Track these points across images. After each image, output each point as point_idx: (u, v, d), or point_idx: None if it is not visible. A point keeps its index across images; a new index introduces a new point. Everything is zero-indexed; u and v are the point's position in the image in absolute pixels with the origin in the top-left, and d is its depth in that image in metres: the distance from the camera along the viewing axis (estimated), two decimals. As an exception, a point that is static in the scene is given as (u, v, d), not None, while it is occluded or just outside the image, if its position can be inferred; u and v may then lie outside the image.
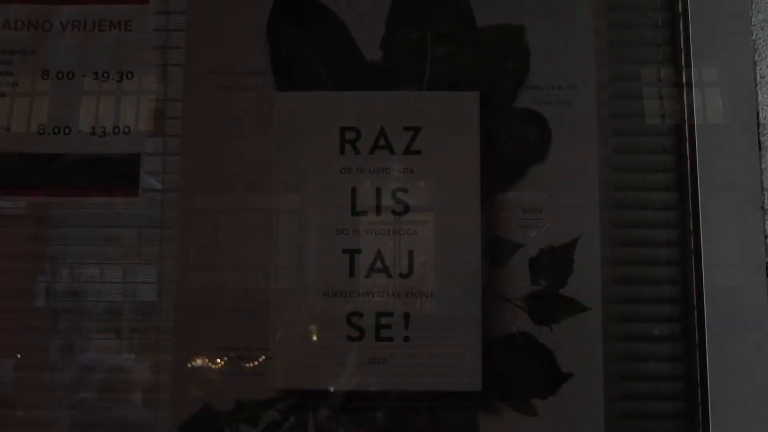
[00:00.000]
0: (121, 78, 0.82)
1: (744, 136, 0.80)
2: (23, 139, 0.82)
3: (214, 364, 0.80)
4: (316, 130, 0.83)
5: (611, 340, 0.81)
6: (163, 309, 0.84)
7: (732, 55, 0.81)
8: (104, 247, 0.85)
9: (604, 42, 0.86)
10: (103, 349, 0.84)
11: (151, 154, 0.83)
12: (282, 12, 0.84)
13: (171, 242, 0.83)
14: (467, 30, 0.84)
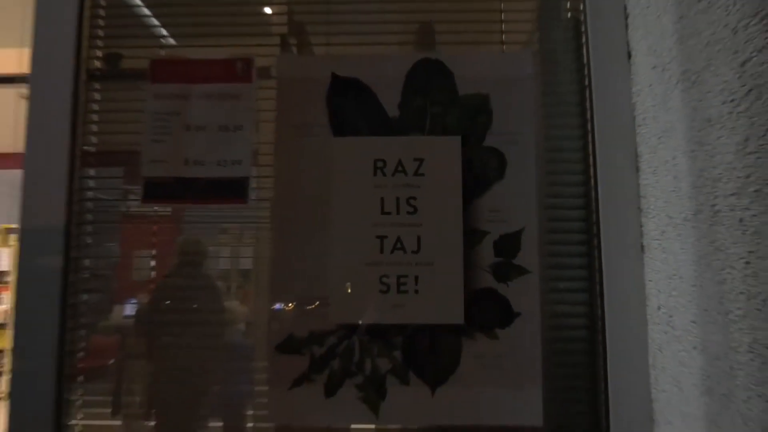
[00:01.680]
0: (234, 130, 1.01)
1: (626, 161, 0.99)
2: (175, 168, 1.00)
3: (296, 307, 0.99)
4: (358, 161, 0.99)
5: (545, 292, 0.99)
6: (258, 272, 1.05)
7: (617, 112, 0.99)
8: (220, 234, 1.07)
9: (539, 104, 1.04)
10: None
11: (254, 177, 1.01)
12: (335, 87, 1.02)
13: (264, 231, 1.03)
14: (453, 97, 1.02)
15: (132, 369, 1.03)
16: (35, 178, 1.00)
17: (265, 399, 0.98)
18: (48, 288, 0.98)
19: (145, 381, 1.02)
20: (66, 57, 1.02)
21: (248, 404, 1.01)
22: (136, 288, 1.05)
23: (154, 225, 1.05)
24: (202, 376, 1.02)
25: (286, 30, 1.11)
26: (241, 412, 1.02)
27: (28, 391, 0.96)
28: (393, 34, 1.08)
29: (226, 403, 1.02)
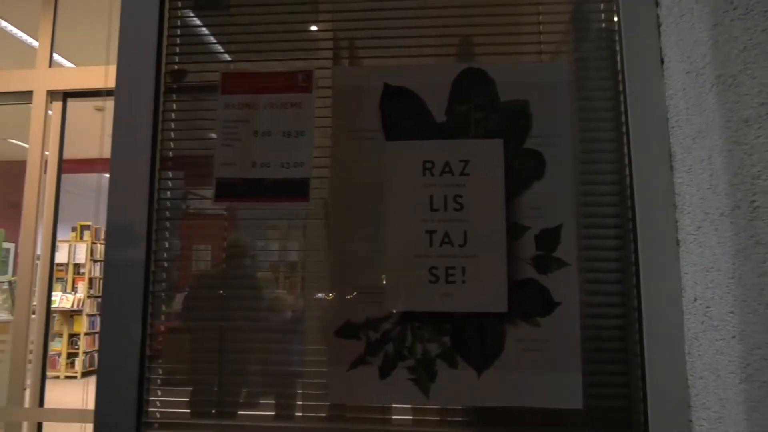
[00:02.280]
0: (297, 135, 1.05)
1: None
2: (243, 170, 1.04)
3: (353, 296, 1.01)
4: (408, 162, 1.02)
5: (583, 283, 1.00)
6: (307, 264, 1.08)
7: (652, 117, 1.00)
8: (287, 230, 1.11)
9: (575, 109, 1.05)
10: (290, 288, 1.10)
11: (314, 178, 1.04)
12: (387, 95, 1.05)
13: (312, 227, 1.06)
14: (495, 103, 1.04)
15: (201, 353, 1.07)
16: (120, 180, 1.05)
17: (318, 379, 1.01)
18: (131, 278, 1.03)
19: (214, 364, 1.05)
20: (148, 72, 1.07)
21: (307, 384, 1.03)
22: (205, 279, 1.10)
23: (225, 221, 1.08)
24: (264, 358, 1.05)
25: (332, 44, 1.13)
26: (296, 392, 1.04)
27: (115, 369, 1.01)
28: (439, 47, 1.09)
29: (282, 383, 1.05)
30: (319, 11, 1.14)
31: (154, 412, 1.04)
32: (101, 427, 0.99)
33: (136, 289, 1.03)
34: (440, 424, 1.01)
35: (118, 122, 1.07)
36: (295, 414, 1.03)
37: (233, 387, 1.05)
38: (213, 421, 1.03)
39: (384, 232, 1.02)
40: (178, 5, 1.14)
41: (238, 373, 1.05)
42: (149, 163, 1.05)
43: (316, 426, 1.02)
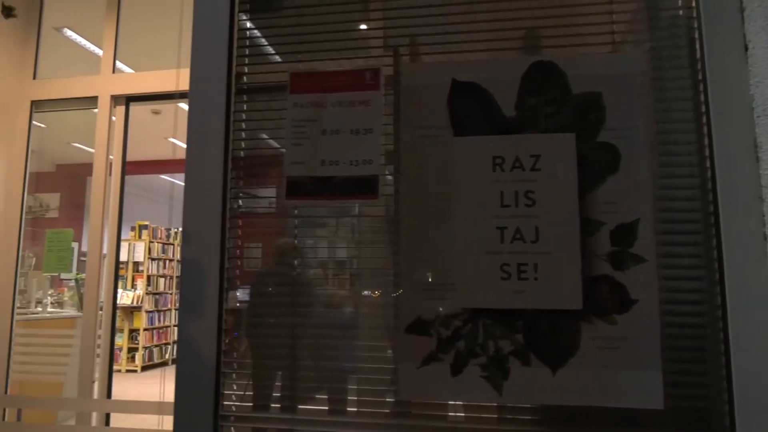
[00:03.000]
0: (365, 132, 1.05)
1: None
2: (312, 168, 1.05)
3: (424, 293, 1.01)
4: (478, 158, 1.01)
5: (661, 279, 0.96)
6: (377, 259, 1.09)
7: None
8: (356, 227, 1.12)
9: (651, 100, 1.01)
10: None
11: (381, 175, 1.05)
12: (455, 90, 1.04)
13: (392, 224, 1.08)
14: (566, 96, 1.01)
15: (272, 349, 1.09)
16: (195, 179, 1.09)
17: (388, 376, 1.02)
18: (207, 273, 1.06)
19: (286, 360, 1.08)
20: (220, 75, 1.10)
21: (377, 381, 1.04)
22: (276, 276, 1.12)
23: (296, 219, 1.10)
24: (334, 354, 1.07)
25: (398, 42, 1.13)
26: (366, 388, 1.05)
27: (193, 362, 1.04)
28: (507, 40, 1.08)
29: (352, 379, 1.06)
30: (384, 8, 1.14)
31: (230, 406, 1.07)
32: (181, 420, 1.03)
33: (211, 285, 1.06)
34: (511, 423, 1.00)
35: (192, 123, 1.10)
36: (365, 410, 1.04)
37: (303, 382, 1.07)
38: (285, 415, 1.05)
39: (454, 229, 1.01)
40: (247, 8, 1.16)
41: (309, 369, 1.07)
42: (222, 163, 1.08)
43: (386, 422, 1.02)
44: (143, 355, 7.26)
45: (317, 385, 1.06)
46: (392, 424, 1.02)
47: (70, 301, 5.90)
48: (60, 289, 6.17)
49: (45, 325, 4.40)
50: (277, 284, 1.11)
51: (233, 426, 1.06)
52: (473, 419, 1.01)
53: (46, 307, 4.60)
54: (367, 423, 1.03)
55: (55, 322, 4.53)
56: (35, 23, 3.49)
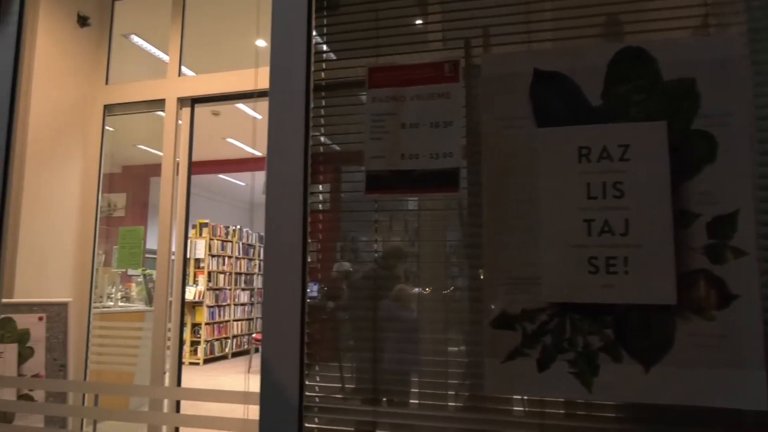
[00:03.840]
0: (445, 125, 1.04)
1: None
2: (392, 162, 1.06)
3: (508, 287, 0.99)
4: (562, 149, 0.98)
5: (764, 274, 0.91)
6: (461, 253, 1.08)
7: None
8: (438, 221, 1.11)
9: (750, 85, 0.96)
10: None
11: (463, 168, 1.04)
12: (538, 80, 1.02)
13: (472, 215, 1.07)
14: (656, 83, 0.97)
15: (356, 341, 1.10)
16: (276, 174, 1.11)
17: (473, 369, 1.00)
18: (289, 267, 1.08)
19: (369, 352, 1.08)
20: (299, 72, 1.11)
21: (461, 375, 1.03)
22: (358, 270, 1.13)
23: (375, 213, 1.10)
24: (418, 347, 1.06)
25: (476, 32, 1.11)
26: (450, 382, 1.04)
27: (278, 355, 1.06)
28: (591, 27, 1.04)
29: (435, 373, 1.05)
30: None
31: (313, 397, 1.08)
32: (267, 409, 1.05)
33: (293, 279, 1.08)
34: (598, 420, 0.97)
35: (273, 121, 1.12)
36: (448, 404, 1.03)
37: (386, 375, 1.07)
38: (368, 407, 1.06)
39: (538, 222, 0.99)
40: (324, 5, 1.17)
41: (392, 362, 1.07)
42: (302, 158, 1.10)
43: (469, 416, 1.01)
44: (205, 348, 7.52)
45: (400, 378, 1.06)
46: (476, 418, 1.01)
47: (137, 296, 6.16)
48: (128, 285, 6.45)
49: (116, 319, 4.62)
50: (361, 278, 1.11)
51: (317, 416, 1.07)
52: (559, 416, 0.98)
53: (117, 301, 4.83)
54: (449, 417, 1.02)
55: (125, 316, 4.75)
56: (107, 31, 3.66)
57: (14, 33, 1.44)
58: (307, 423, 1.07)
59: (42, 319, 2.98)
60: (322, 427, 1.08)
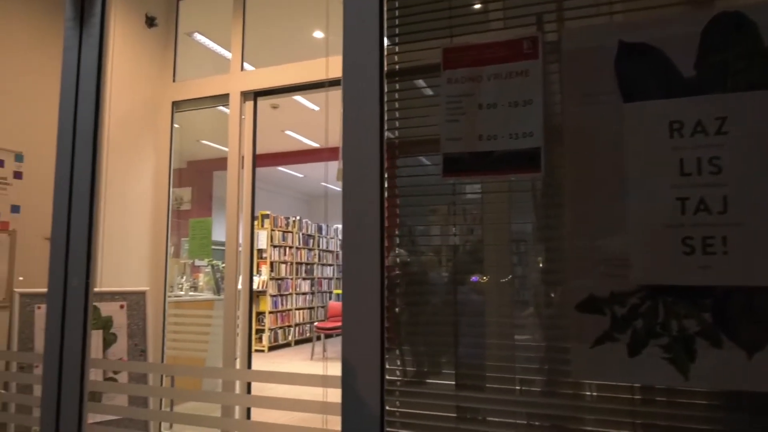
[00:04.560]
0: (524, 104, 1.02)
1: None
2: (470, 144, 1.04)
3: (595, 269, 0.96)
4: (652, 124, 0.93)
5: None
6: (542, 234, 1.05)
7: None
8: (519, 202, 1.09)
9: None
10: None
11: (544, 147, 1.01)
12: (623, 53, 0.97)
13: (555, 195, 1.04)
14: (757, 49, 0.90)
15: (436, 326, 1.09)
16: (353, 161, 1.11)
17: (558, 355, 0.97)
18: (368, 253, 1.08)
19: (450, 336, 1.07)
20: (372, 60, 1.11)
21: (546, 360, 1.00)
22: (436, 256, 1.12)
23: (453, 196, 1.09)
24: (500, 332, 1.05)
25: (555, 6, 1.07)
26: (535, 367, 1.02)
27: (358, 339, 1.07)
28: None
29: (520, 358, 1.03)
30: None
31: (395, 381, 1.09)
32: (349, 393, 1.07)
33: (371, 265, 1.08)
34: (693, 408, 0.92)
35: (347, 109, 1.12)
36: (532, 389, 1.01)
37: (469, 359, 1.06)
38: (450, 392, 1.06)
39: (628, 201, 0.95)
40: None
41: (474, 346, 1.06)
42: (378, 144, 1.09)
43: (554, 402, 0.99)
44: (269, 336, 7.75)
45: (482, 363, 1.05)
46: (561, 404, 0.98)
47: (205, 286, 6.39)
48: (195, 275, 6.72)
49: (188, 307, 4.82)
50: (438, 264, 1.11)
51: (398, 400, 1.08)
52: (650, 402, 0.94)
53: (188, 291, 5.03)
54: (534, 402, 1.00)
55: (195, 304, 4.95)
56: (173, 30, 3.79)
57: (97, 34, 1.51)
58: (388, 406, 1.08)
59: (123, 307, 3.15)
60: (404, 410, 1.08)
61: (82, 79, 1.50)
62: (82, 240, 1.46)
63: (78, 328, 1.44)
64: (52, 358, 1.46)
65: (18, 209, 3.04)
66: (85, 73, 1.50)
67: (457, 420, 1.04)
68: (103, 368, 2.59)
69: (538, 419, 0.99)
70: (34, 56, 3.08)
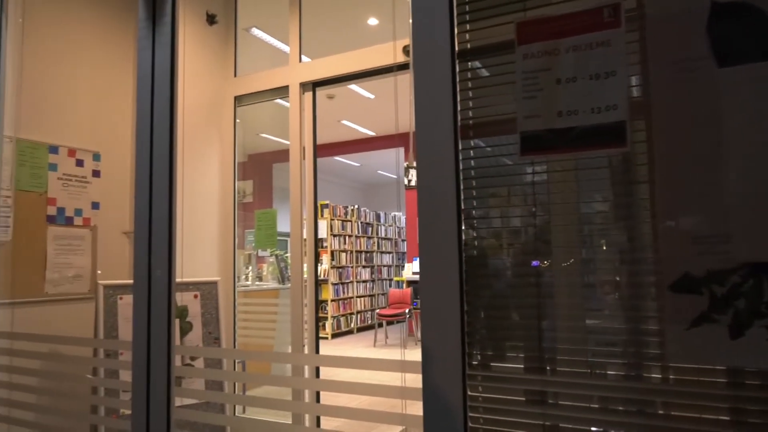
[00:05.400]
0: (607, 76, 0.97)
1: None
2: (548, 121, 1.00)
3: (691, 246, 0.91)
4: (753, 90, 0.87)
5: None
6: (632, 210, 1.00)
7: None
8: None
9: None
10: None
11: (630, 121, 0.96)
12: (717, 15, 0.91)
13: (640, 171, 0.98)
14: None
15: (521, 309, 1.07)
16: (426, 144, 1.09)
17: (651, 338, 0.93)
18: (445, 235, 1.07)
19: (534, 320, 1.05)
20: (443, 40, 1.08)
21: (639, 343, 0.96)
22: (517, 237, 1.09)
23: (533, 175, 1.06)
24: (589, 314, 1.01)
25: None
26: (627, 350, 0.98)
27: (438, 324, 1.06)
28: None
29: (609, 341, 0.99)
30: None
31: (477, 365, 1.07)
32: (430, 378, 1.06)
33: (449, 247, 1.07)
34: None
35: (418, 93, 1.10)
36: (623, 373, 0.97)
37: (554, 343, 1.03)
38: (534, 376, 1.03)
39: (726, 174, 0.88)
40: (463, -35, 1.13)
41: (560, 329, 1.02)
42: (451, 124, 1.07)
43: (647, 387, 0.95)
44: (332, 323, 7.90)
45: (569, 347, 1.02)
46: (654, 389, 0.94)
47: (269, 275, 6.57)
48: (260, 265, 6.92)
49: (255, 296, 4.98)
50: (522, 245, 1.08)
51: (480, 385, 1.06)
52: (754, 387, 0.88)
53: (254, 280, 5.19)
54: (625, 387, 0.96)
55: (262, 293, 5.10)
56: (232, 26, 3.88)
57: (169, 33, 1.56)
58: (470, 392, 1.06)
59: (197, 296, 3.28)
60: (487, 395, 1.06)
61: (157, 78, 1.55)
62: (163, 233, 1.52)
63: (163, 315, 1.51)
64: (141, 345, 1.53)
65: (98, 206, 3.22)
66: (159, 71, 1.55)
67: (543, 405, 1.01)
68: (189, 354, 2.71)
69: (628, 404, 0.95)
70: (104, 59, 3.23)
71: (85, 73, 3.11)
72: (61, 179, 3.02)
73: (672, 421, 0.91)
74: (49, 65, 2.93)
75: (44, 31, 2.93)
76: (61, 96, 2.99)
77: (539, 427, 1.01)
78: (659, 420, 0.93)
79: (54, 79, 2.96)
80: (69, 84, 3.03)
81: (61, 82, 2.99)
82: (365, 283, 8.84)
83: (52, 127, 2.94)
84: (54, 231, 2.97)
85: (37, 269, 2.85)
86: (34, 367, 1.90)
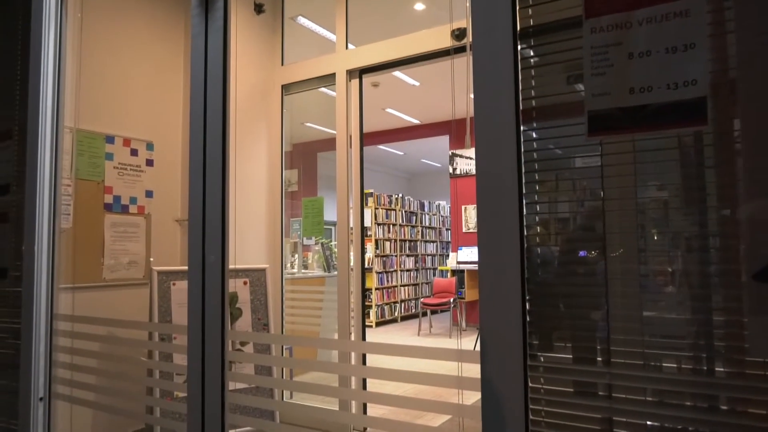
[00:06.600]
0: (685, 49, 0.90)
1: None
2: (619, 99, 0.94)
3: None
4: None
5: None
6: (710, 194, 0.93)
7: None
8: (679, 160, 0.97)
9: None
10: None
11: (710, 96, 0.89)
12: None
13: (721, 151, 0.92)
14: None
15: (585, 298, 1.02)
16: (486, 128, 1.05)
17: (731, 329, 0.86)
18: (506, 225, 1.03)
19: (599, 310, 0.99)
20: (504, 18, 1.03)
21: (719, 335, 0.89)
22: (581, 223, 1.04)
23: (600, 157, 1.00)
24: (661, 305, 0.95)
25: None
26: (706, 343, 0.91)
27: (498, 314, 1.02)
28: None
29: (689, 333, 0.93)
30: None
31: (538, 356, 1.03)
32: (489, 368, 1.03)
33: (510, 234, 1.02)
34: None
35: (478, 75, 1.06)
36: (695, 367, 0.91)
37: (615, 334, 0.97)
38: (596, 368, 0.98)
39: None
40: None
41: (623, 320, 0.97)
42: (513, 111, 1.02)
43: (727, 383, 0.88)
44: (376, 312, 7.93)
45: (631, 338, 0.96)
46: (736, 385, 0.88)
47: (315, 264, 6.63)
48: (305, 253, 6.99)
49: (301, 283, 5.04)
50: (585, 232, 1.03)
51: (542, 377, 1.02)
52: None
53: (301, 268, 5.25)
54: (696, 381, 0.90)
55: (308, 281, 5.15)
56: (279, 15, 3.89)
57: (221, 20, 1.56)
58: (532, 383, 1.02)
59: (246, 283, 3.34)
60: (548, 387, 1.02)
61: (210, 65, 1.56)
62: (216, 220, 1.53)
63: (217, 300, 1.53)
64: (196, 329, 1.56)
65: (151, 194, 3.31)
66: (212, 58, 1.56)
67: (610, 399, 0.96)
68: (240, 339, 2.76)
69: (706, 400, 0.89)
70: (157, 54, 3.30)
71: (139, 66, 3.19)
72: (117, 168, 3.11)
73: (756, 420, 0.85)
74: (105, 59, 3.01)
75: (101, 26, 3.02)
76: (116, 88, 3.07)
77: (607, 421, 0.96)
78: (739, 418, 0.86)
79: (110, 72, 3.04)
80: (124, 76, 3.11)
81: (116, 75, 3.07)
82: (409, 272, 8.83)
83: (108, 117, 3.04)
84: (111, 218, 3.08)
85: (95, 255, 2.96)
86: (93, 349, 1.97)
